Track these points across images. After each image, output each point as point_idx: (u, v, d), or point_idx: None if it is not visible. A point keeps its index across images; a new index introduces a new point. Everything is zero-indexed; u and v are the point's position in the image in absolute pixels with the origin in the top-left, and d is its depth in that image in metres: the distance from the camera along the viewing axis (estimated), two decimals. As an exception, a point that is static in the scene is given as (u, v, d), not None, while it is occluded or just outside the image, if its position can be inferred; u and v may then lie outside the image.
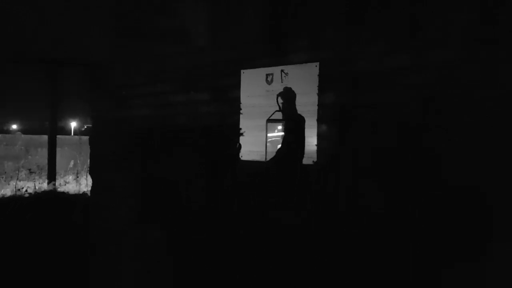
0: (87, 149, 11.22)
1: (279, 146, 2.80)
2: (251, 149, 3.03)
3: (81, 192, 7.07)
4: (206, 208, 2.10)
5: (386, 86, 2.76)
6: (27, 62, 6.55)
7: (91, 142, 3.95)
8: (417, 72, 2.64)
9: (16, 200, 5.44)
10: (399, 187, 2.62)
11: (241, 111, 3.38)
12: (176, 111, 3.75)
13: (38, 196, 5.72)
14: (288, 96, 2.60)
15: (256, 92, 3.35)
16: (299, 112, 2.78)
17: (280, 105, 2.70)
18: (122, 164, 2.89)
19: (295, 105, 2.56)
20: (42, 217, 4.98)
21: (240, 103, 3.40)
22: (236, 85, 3.47)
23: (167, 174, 2.48)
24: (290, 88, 2.60)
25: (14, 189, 6.86)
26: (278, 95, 2.69)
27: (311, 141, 2.89)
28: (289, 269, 2.43)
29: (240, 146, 2.24)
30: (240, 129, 2.54)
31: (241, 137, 3.05)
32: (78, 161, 9.86)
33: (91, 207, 3.99)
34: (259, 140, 3.06)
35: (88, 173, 9.62)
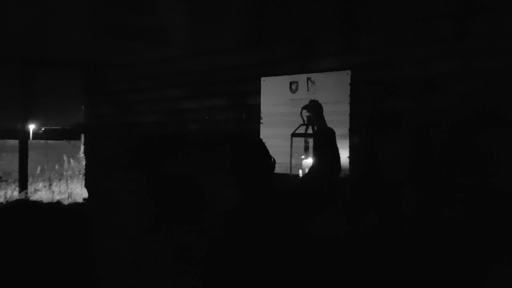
0: (54, 154, 10.69)
1: (304, 160, 2.62)
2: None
3: (55, 201, 6.65)
4: (231, 233, 1.90)
5: (428, 93, 2.61)
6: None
7: (86, 152, 3.64)
8: (465, 79, 2.49)
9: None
10: (442, 200, 2.51)
11: (261, 120, 3.19)
12: (186, 118, 3.51)
13: (11, 205, 5.35)
14: (315, 109, 2.42)
15: (279, 100, 3.16)
16: (329, 121, 2.60)
17: (305, 118, 2.52)
18: (125, 174, 2.65)
19: (323, 117, 2.38)
20: (16, 229, 4.64)
21: (261, 111, 3.20)
22: (256, 92, 3.26)
23: (178, 187, 2.27)
24: (317, 101, 2.43)
25: (-18, 198, 6.36)
26: (302, 108, 2.51)
27: (343, 153, 2.73)
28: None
29: (274, 161, 2.05)
30: (261, 139, 2.33)
31: None
32: (46, 167, 9.36)
33: (89, 220, 3.71)
34: (281, 151, 2.87)
35: (59, 181, 9.18)
